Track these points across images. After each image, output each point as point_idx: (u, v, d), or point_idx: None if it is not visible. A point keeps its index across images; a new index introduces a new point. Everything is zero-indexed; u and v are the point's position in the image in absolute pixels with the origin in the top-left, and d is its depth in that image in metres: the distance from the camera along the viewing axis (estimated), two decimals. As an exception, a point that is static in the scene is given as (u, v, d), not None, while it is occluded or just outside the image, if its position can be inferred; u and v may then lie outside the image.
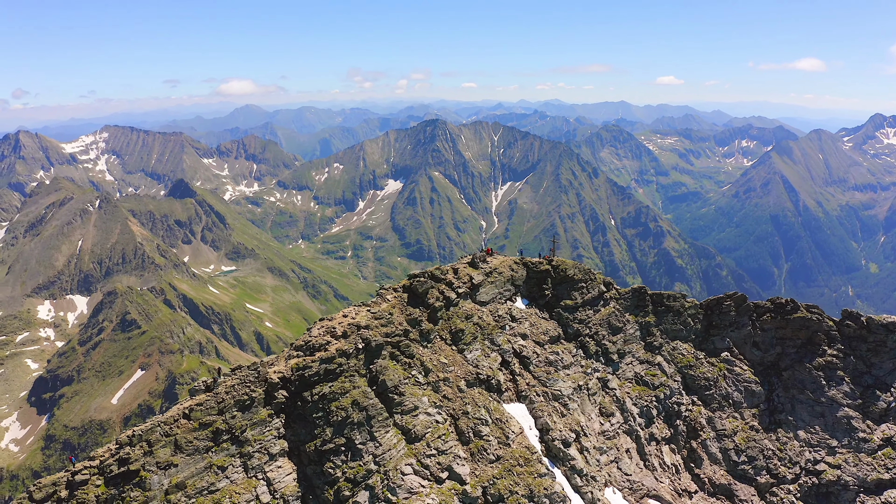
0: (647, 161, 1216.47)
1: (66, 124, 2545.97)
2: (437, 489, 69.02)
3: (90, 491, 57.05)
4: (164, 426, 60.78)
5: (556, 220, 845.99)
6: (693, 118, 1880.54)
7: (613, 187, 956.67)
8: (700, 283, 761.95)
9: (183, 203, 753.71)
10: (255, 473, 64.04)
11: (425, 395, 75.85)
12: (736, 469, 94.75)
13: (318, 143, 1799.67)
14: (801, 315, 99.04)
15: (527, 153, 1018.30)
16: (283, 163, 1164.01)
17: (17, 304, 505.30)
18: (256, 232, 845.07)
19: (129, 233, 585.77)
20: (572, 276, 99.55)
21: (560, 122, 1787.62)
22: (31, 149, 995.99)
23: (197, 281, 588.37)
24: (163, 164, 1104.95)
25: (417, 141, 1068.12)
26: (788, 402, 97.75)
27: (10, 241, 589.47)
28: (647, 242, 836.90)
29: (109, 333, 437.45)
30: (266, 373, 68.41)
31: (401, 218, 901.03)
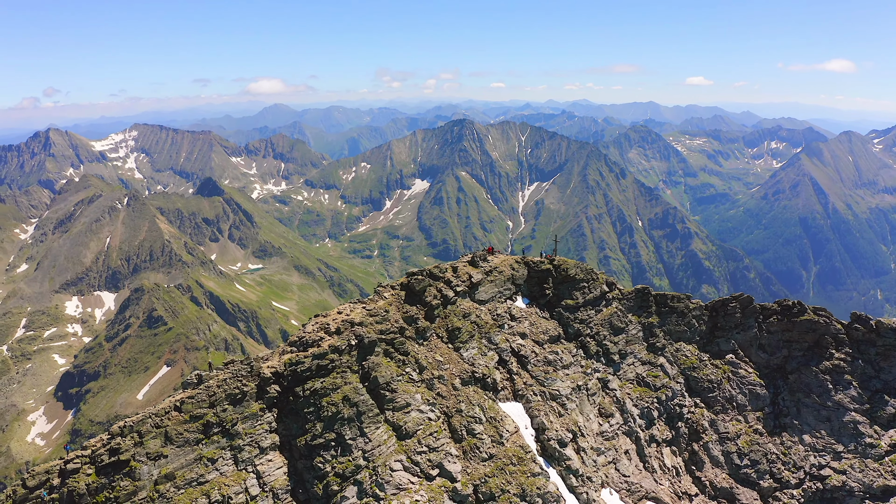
0: (676, 162, 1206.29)
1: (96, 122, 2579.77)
2: (426, 486, 69.35)
3: (81, 479, 58.23)
4: (155, 418, 61.90)
5: (583, 221, 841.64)
6: (722, 119, 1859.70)
7: (641, 188, 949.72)
8: (727, 286, 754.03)
9: (211, 201, 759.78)
10: (246, 466, 64.94)
11: (419, 392, 76.21)
12: (738, 473, 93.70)
13: (346, 143, 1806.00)
14: (807, 318, 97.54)
15: (554, 153, 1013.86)
16: (311, 162, 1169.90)
17: (45, 300, 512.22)
18: (283, 230, 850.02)
19: (156, 230, 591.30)
20: (574, 275, 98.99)
21: (588, 123, 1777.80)
22: (61, 146, 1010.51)
23: (224, 278, 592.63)
24: (191, 162, 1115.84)
25: (444, 141, 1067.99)
26: (794, 405, 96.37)
27: (39, 237, 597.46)
28: (675, 244, 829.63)
29: (136, 330, 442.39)
30: (259, 367, 69.30)
31: (427, 217, 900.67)
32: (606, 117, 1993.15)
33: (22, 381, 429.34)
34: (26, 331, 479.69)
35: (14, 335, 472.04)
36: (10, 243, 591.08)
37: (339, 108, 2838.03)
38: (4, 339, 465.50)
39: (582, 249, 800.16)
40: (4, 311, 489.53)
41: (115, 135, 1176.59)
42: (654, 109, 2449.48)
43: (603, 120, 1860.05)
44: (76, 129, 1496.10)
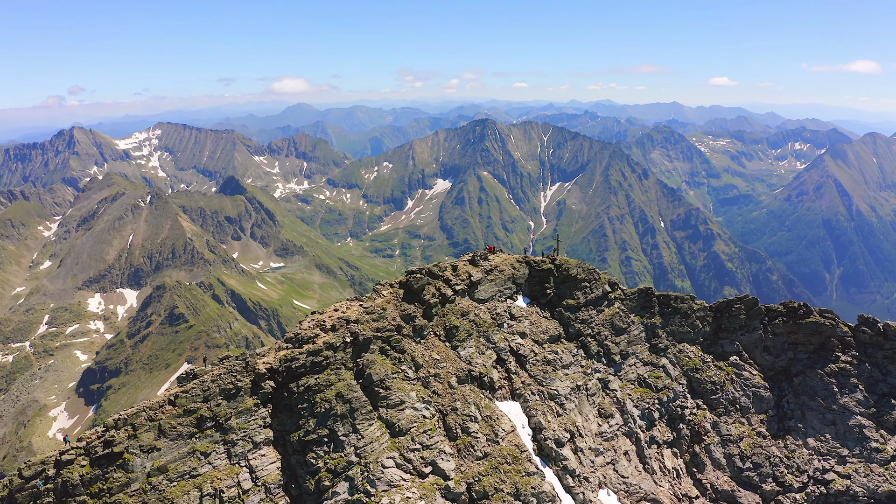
0: (699, 163, 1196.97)
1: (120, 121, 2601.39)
2: (418, 483, 69.69)
3: (75, 470, 59.51)
4: (149, 411, 62.94)
5: (605, 222, 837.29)
6: (746, 120, 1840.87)
7: (663, 189, 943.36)
8: (750, 288, 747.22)
9: (233, 200, 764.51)
10: (239, 460, 65.79)
11: (414, 390, 76.53)
12: (740, 475, 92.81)
13: (368, 142, 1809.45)
14: (813, 320, 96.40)
15: (576, 154, 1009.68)
16: (333, 161, 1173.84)
17: (68, 297, 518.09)
18: (305, 229, 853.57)
19: (179, 228, 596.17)
20: (575, 275, 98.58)
21: (611, 123, 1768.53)
22: (85, 145, 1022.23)
23: (245, 277, 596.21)
24: (214, 161, 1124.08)
25: (466, 140, 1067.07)
26: (798, 408, 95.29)
27: (62, 234, 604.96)
28: (697, 245, 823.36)
29: (157, 327, 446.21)
30: (254, 363, 70.00)
31: (449, 217, 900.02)
32: (629, 117, 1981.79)
33: (44, 376, 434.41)
34: (49, 327, 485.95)
35: (37, 331, 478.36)
36: (34, 240, 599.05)
37: (362, 107, 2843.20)
38: (27, 335, 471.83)
39: (604, 250, 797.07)
40: (27, 308, 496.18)
41: (138, 133, 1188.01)
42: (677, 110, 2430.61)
43: (626, 120, 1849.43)
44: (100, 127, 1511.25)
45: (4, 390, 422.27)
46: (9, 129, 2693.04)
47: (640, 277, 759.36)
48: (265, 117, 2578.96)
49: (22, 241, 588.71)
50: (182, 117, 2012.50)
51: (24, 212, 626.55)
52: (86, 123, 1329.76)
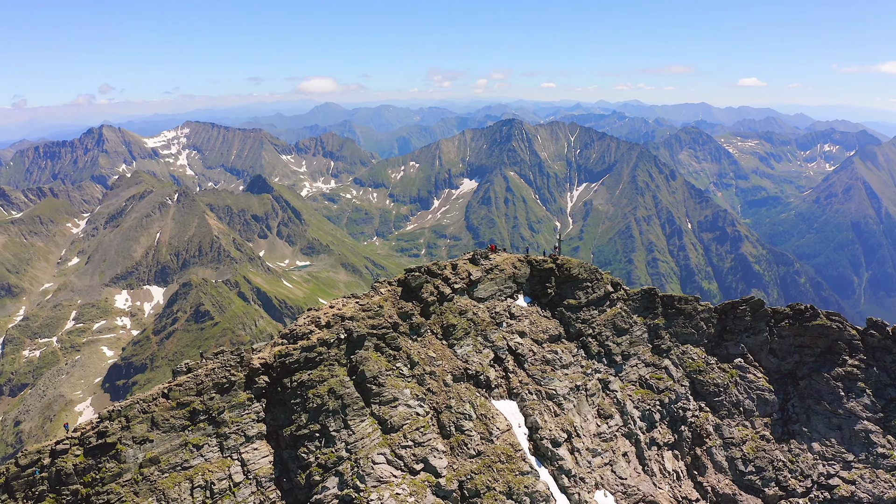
0: (727, 164, 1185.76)
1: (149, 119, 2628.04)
2: (409, 480, 70.04)
3: (69, 460, 60.73)
4: (142, 403, 64.14)
5: (632, 223, 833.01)
6: (775, 121, 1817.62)
7: (691, 190, 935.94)
8: (777, 290, 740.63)
9: (260, 198, 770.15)
10: (231, 454, 66.74)
11: (408, 387, 76.89)
12: (742, 479, 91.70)
13: (395, 142, 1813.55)
14: (820, 322, 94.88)
15: (603, 154, 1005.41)
16: (360, 160, 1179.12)
17: (95, 293, 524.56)
18: (332, 228, 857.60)
19: (206, 226, 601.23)
20: (577, 275, 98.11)
21: (639, 124, 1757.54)
22: (114, 143, 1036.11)
23: (271, 275, 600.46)
24: (242, 159, 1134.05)
25: (493, 140, 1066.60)
26: (804, 412, 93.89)
27: (90, 232, 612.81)
28: (724, 247, 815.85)
29: (183, 324, 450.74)
30: (249, 358, 70.90)
31: (475, 217, 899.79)
32: (657, 118, 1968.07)
33: (71, 372, 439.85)
34: (76, 323, 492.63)
35: (64, 327, 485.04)
36: (62, 237, 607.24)
37: (390, 107, 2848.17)
38: (55, 330, 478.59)
39: (630, 251, 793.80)
40: (55, 304, 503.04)
41: (167, 132, 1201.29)
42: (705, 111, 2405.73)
43: (654, 121, 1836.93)
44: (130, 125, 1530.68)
45: (31, 385, 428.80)
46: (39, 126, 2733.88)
47: (666, 279, 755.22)
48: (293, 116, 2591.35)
49: (50, 238, 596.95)
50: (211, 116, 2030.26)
51: (52, 209, 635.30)
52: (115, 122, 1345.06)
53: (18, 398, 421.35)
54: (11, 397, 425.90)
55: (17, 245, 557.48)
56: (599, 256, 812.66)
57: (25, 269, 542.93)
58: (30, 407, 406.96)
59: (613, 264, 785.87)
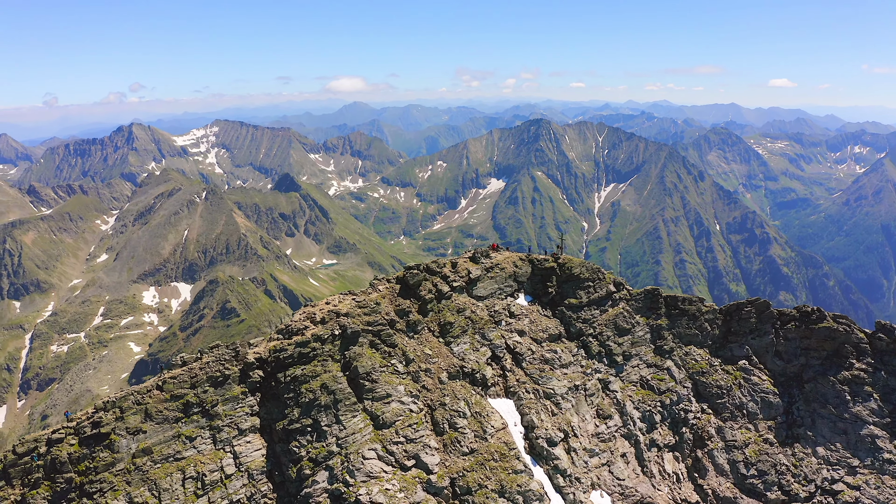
0: (756, 165, 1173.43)
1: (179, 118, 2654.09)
2: (400, 476, 70.60)
3: (64, 449, 62.35)
4: (136, 395, 65.52)
5: (660, 224, 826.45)
6: (805, 122, 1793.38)
7: (719, 191, 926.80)
8: (806, 293, 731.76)
9: (288, 197, 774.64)
10: (224, 446, 67.94)
11: (402, 384, 77.43)
12: (744, 482, 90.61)
13: (423, 141, 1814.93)
14: (827, 325, 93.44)
15: (631, 155, 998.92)
16: (388, 160, 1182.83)
17: (123, 290, 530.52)
18: (358, 227, 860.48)
19: (233, 224, 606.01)
20: (578, 274, 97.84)
21: (667, 124, 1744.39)
22: (144, 141, 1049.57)
23: (298, 273, 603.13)
24: (270, 158, 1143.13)
25: (521, 140, 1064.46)
26: (809, 416, 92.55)
27: (119, 228, 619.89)
28: (753, 249, 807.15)
29: (209, 321, 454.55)
30: (244, 353, 71.88)
31: (502, 217, 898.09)
32: (686, 118, 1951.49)
33: (98, 367, 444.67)
34: (104, 319, 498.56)
35: (92, 322, 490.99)
36: (92, 234, 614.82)
37: (418, 106, 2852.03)
38: (82, 326, 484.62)
39: (658, 252, 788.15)
40: (83, 300, 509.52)
41: (196, 130, 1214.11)
42: (735, 111, 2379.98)
43: (683, 121, 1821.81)
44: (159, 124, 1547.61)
45: (59, 380, 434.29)
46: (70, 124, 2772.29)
47: (694, 281, 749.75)
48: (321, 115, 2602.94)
49: (80, 235, 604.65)
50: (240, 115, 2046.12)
51: (82, 206, 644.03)
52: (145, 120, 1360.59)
53: (46, 392, 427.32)
54: (39, 391, 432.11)
55: (47, 241, 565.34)
56: (627, 257, 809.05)
57: (55, 265, 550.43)
58: (57, 401, 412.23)
59: (641, 265, 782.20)
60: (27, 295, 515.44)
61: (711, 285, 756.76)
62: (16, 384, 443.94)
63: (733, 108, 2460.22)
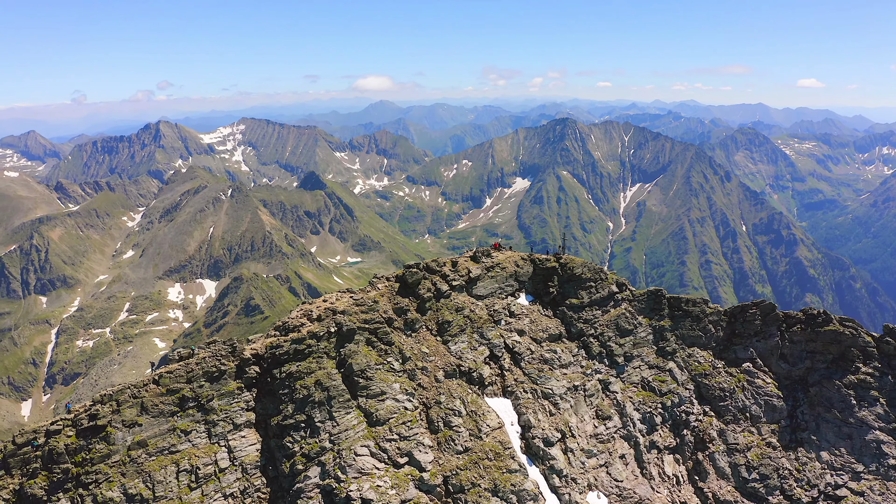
0: (783, 166, 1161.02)
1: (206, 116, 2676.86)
2: (392, 473, 71.03)
3: (61, 440, 63.69)
4: (133, 389, 66.92)
5: (685, 224, 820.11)
6: (833, 123, 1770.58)
7: (746, 192, 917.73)
8: (832, 296, 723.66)
9: (313, 195, 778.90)
10: (218, 440, 69.07)
11: (398, 381, 78.02)
12: (745, 486, 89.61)
13: (449, 140, 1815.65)
14: (833, 328, 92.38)
15: (657, 154, 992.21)
16: (413, 158, 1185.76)
17: (148, 286, 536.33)
18: (383, 225, 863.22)
19: (258, 221, 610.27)
20: (580, 274, 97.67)
21: (694, 124, 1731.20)
22: (171, 138, 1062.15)
23: (322, 271, 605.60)
24: (296, 156, 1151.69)
25: (546, 139, 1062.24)
26: (813, 420, 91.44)
27: (146, 225, 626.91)
28: (779, 250, 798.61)
29: (233, 317, 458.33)
30: (241, 349, 73.03)
31: (527, 216, 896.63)
32: (714, 118, 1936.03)
33: (122, 362, 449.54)
34: (129, 314, 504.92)
35: (117, 318, 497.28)
36: (118, 230, 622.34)
37: (444, 105, 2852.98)
38: (108, 321, 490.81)
39: (683, 253, 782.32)
40: (109, 295, 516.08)
41: (223, 128, 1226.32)
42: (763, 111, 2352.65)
43: (710, 121, 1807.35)
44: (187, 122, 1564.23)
45: (84, 374, 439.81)
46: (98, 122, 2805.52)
47: (719, 282, 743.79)
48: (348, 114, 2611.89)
49: (106, 231, 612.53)
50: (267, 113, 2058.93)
51: (109, 202, 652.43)
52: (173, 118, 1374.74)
53: (71, 387, 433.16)
54: (64, 386, 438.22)
55: (74, 237, 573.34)
56: (652, 258, 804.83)
57: (81, 261, 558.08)
58: (82, 396, 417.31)
59: (666, 266, 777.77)
60: (54, 290, 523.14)
61: (737, 287, 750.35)
62: (41, 378, 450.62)
63: (761, 108, 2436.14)
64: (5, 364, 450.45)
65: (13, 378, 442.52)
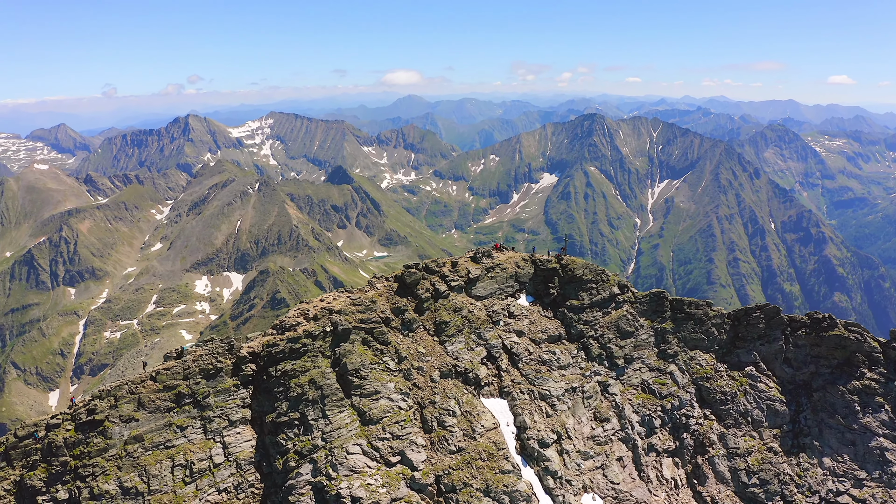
0: (813, 163, 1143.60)
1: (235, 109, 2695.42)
2: (384, 471, 72.05)
3: (60, 433, 65.65)
4: (130, 385, 68.70)
5: (713, 221, 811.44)
6: (864, 120, 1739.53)
7: (775, 189, 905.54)
8: (861, 295, 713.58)
9: (340, 189, 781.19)
10: (214, 436, 70.60)
11: (392, 381, 78.87)
12: (745, 491, 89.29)
13: (477, 135, 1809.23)
14: (838, 333, 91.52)
15: (686, 151, 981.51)
16: (441, 153, 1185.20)
17: (176, 278, 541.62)
18: (410, 220, 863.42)
19: (285, 215, 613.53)
20: (581, 275, 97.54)
21: (724, 120, 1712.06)
22: (200, 132, 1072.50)
23: (348, 265, 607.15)
24: (324, 150, 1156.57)
25: (574, 135, 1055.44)
26: (816, 425, 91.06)
27: (174, 218, 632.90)
28: (808, 249, 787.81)
29: (259, 310, 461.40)
30: (239, 347, 74.54)
31: (554, 212, 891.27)
32: (743, 115, 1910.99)
33: (149, 354, 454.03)
34: (157, 306, 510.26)
35: (145, 310, 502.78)
36: (147, 223, 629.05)
37: (472, 99, 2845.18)
38: (136, 313, 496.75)
39: (711, 250, 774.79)
40: (137, 287, 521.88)
41: (251, 122, 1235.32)
42: (793, 108, 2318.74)
43: (739, 118, 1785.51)
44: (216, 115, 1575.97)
45: (111, 365, 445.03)
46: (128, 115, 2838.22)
47: (747, 280, 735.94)
48: (376, 108, 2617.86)
49: (135, 224, 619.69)
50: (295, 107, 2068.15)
51: (137, 195, 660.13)
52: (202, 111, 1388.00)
53: (98, 378, 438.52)
54: (92, 377, 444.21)
55: (103, 230, 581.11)
56: (679, 255, 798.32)
57: (110, 253, 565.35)
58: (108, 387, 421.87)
59: (693, 263, 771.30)
60: (82, 282, 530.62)
61: (765, 285, 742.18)
62: (69, 369, 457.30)
63: (791, 105, 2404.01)
64: (34, 354, 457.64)
65: (41, 368, 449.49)
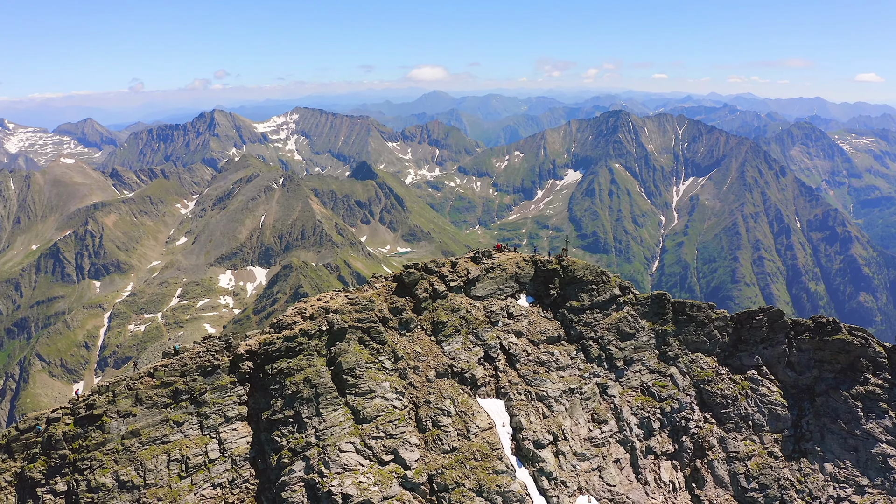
0: (840, 162, 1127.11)
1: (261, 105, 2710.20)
2: (376, 470, 72.99)
3: (60, 427, 67.58)
4: (129, 381, 70.50)
5: (738, 219, 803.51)
6: (891, 118, 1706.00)
7: (801, 188, 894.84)
8: (886, 295, 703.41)
9: (364, 184, 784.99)
10: (210, 432, 72.11)
11: (388, 380, 79.61)
12: (744, 495, 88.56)
13: (502, 131, 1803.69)
14: (841, 337, 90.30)
15: (711, 148, 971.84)
16: (465, 149, 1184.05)
17: (200, 272, 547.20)
18: (434, 216, 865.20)
19: (309, 210, 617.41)
20: (581, 277, 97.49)
21: (750, 118, 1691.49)
22: (225, 127, 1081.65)
23: (371, 260, 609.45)
24: (349, 146, 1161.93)
25: (599, 132, 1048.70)
26: (818, 430, 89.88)
27: (198, 212, 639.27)
28: (833, 248, 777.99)
29: (282, 305, 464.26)
30: (236, 345, 75.95)
31: (578, 209, 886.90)
32: (770, 112, 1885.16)
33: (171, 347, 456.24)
34: (181, 300, 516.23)
35: (169, 304, 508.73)
36: (172, 217, 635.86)
37: (497, 95, 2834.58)
38: (160, 306, 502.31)
39: (735, 249, 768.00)
40: (161, 281, 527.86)
41: (277, 117, 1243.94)
42: (820, 106, 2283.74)
43: (766, 115, 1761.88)
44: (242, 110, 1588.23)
45: (135, 358, 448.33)
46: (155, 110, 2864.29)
47: (772, 279, 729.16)
48: (401, 104, 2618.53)
49: (160, 218, 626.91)
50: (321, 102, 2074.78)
51: (163, 189, 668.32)
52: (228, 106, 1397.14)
53: (122, 370, 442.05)
54: (116, 369, 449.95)
55: (128, 223, 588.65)
56: (704, 253, 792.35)
57: (134, 246, 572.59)
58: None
59: (718, 261, 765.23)
60: (107, 275, 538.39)
61: (790, 284, 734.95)
62: (93, 361, 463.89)
63: (818, 103, 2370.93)
64: (58, 347, 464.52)
65: (66, 360, 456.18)
